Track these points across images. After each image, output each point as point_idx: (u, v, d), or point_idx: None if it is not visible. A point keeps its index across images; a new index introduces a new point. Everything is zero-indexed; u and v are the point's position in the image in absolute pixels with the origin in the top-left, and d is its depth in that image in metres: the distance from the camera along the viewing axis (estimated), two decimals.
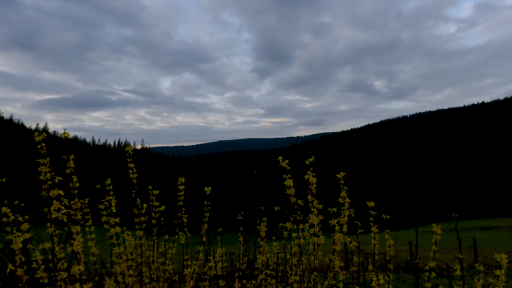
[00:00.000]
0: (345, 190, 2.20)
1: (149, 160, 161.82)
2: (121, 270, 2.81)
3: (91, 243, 2.91)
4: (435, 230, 2.51)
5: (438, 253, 18.79)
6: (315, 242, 2.39)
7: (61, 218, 1.76)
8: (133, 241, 3.03)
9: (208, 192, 3.02)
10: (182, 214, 3.14)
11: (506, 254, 2.31)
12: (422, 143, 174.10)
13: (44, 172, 1.81)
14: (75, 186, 2.38)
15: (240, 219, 3.24)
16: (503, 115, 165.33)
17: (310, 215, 2.33)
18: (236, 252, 3.87)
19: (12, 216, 2.14)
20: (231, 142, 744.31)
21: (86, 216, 2.88)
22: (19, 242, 2.13)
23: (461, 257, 2.37)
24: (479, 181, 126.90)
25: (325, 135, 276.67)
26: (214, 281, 3.24)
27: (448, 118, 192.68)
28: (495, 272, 2.32)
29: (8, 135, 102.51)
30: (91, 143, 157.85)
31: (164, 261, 3.15)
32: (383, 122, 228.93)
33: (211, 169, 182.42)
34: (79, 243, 1.84)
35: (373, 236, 2.72)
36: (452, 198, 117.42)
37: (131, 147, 3.06)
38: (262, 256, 3.00)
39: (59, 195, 1.79)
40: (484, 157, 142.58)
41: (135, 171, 3.03)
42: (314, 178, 2.31)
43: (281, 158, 2.32)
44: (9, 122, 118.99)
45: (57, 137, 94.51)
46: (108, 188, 2.95)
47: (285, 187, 2.35)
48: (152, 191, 3.11)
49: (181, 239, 3.17)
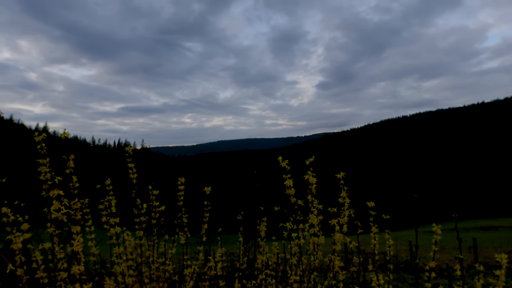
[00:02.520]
0: (345, 190, 2.20)
1: (149, 160, 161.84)
2: (121, 270, 2.81)
3: (91, 243, 2.91)
4: (435, 230, 2.50)
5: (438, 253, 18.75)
6: (315, 242, 2.39)
7: (61, 218, 1.76)
8: (133, 241, 3.03)
9: (208, 192, 3.02)
10: (182, 214, 3.14)
11: (506, 254, 2.31)
12: (422, 143, 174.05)
13: (44, 172, 1.81)
14: (75, 186, 2.38)
15: (240, 219, 3.24)
16: (503, 115, 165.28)
17: (310, 215, 2.33)
18: (236, 252, 3.87)
19: (12, 216, 2.14)
20: (231, 142, 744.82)
21: (86, 216, 2.88)
22: (19, 242, 2.13)
23: (461, 257, 2.37)
24: (479, 181, 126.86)
25: (325, 135, 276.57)
26: (214, 281, 3.24)
27: (448, 118, 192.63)
28: (495, 272, 2.32)
29: (8, 135, 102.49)
30: (91, 143, 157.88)
31: (164, 261, 3.15)
32: (383, 122, 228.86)
33: (211, 169, 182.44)
34: (79, 243, 1.84)
35: (373, 236, 2.72)
36: (452, 198, 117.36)
37: (131, 147, 3.06)
38: (262, 256, 3.00)
39: (59, 195, 1.79)
40: (484, 157, 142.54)
41: (135, 171, 3.03)
42: (314, 178, 2.31)
43: (281, 158, 2.32)
44: (9, 122, 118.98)
45: (57, 137, 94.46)
46: (108, 188, 2.95)
47: (285, 187, 2.35)
48: (152, 191, 3.11)
49: (181, 239, 3.17)
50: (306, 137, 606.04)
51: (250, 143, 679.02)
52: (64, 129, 1.98)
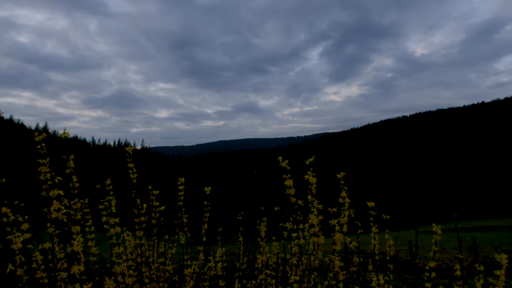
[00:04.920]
0: (345, 190, 2.20)
1: (149, 160, 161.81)
2: (121, 270, 2.81)
3: (91, 243, 2.91)
4: (435, 230, 2.50)
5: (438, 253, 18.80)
6: (315, 242, 2.39)
7: (61, 218, 1.76)
8: (133, 241, 3.03)
9: (208, 192, 3.02)
10: (182, 214, 3.13)
11: (506, 254, 2.31)
12: (422, 143, 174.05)
13: (44, 172, 1.81)
14: (75, 186, 2.38)
15: (240, 219, 3.24)
16: (503, 115, 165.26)
17: (310, 215, 2.33)
18: (236, 252, 3.87)
19: (12, 216, 2.14)
20: (231, 142, 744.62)
21: (86, 216, 2.88)
22: (19, 242, 2.13)
23: (461, 257, 2.37)
24: (479, 181, 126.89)
25: (325, 134, 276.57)
26: (214, 281, 3.24)
27: (448, 118, 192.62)
28: (495, 272, 2.32)
29: (8, 135, 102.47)
30: (91, 143, 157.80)
31: (164, 261, 3.15)
32: (383, 122, 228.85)
33: (211, 169, 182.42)
34: (79, 243, 1.84)
35: (373, 236, 2.72)
36: (452, 198, 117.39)
37: (131, 147, 3.06)
38: (262, 256, 3.00)
39: (59, 195, 1.79)
40: (484, 157, 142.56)
41: (135, 171, 3.03)
42: (314, 178, 2.30)
43: (281, 158, 2.32)
44: (9, 122, 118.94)
45: (57, 137, 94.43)
46: (108, 188, 2.95)
47: (285, 187, 2.35)
48: (152, 191, 3.11)
49: (181, 239, 3.17)
50: (306, 137, 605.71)
51: (250, 143, 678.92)
52: (64, 129, 1.97)
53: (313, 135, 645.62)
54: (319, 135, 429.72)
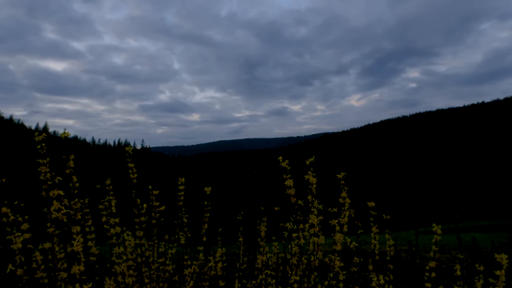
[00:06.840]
0: (345, 190, 2.20)
1: (149, 160, 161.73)
2: (121, 270, 2.81)
3: (91, 243, 2.91)
4: (435, 230, 2.50)
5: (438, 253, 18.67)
6: (315, 242, 2.39)
7: (61, 218, 1.75)
8: (133, 241, 3.03)
9: (208, 192, 3.02)
10: (182, 214, 3.13)
11: (506, 254, 2.31)
12: (422, 143, 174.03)
13: (44, 172, 1.81)
14: (75, 186, 2.38)
15: (240, 219, 3.24)
16: (503, 115, 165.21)
17: (310, 215, 2.32)
18: (236, 252, 3.87)
19: (12, 216, 2.14)
20: (231, 142, 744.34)
21: (86, 216, 2.88)
22: (19, 242, 2.13)
23: (461, 257, 2.37)
24: (479, 181, 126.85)
25: (325, 134, 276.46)
26: (214, 281, 3.23)
27: (448, 118, 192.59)
28: (495, 272, 2.32)
29: (8, 135, 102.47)
30: (91, 143, 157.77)
31: (164, 261, 3.15)
32: (383, 122, 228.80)
33: (211, 169, 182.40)
34: (79, 243, 1.84)
35: (373, 236, 2.72)
36: (452, 198, 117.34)
37: (131, 147, 3.06)
38: (262, 256, 3.00)
39: (59, 195, 1.79)
40: (484, 157, 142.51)
41: (135, 171, 3.02)
42: (314, 178, 2.30)
43: (281, 158, 2.32)
44: (9, 122, 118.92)
45: (57, 137, 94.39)
46: (108, 188, 2.95)
47: (285, 187, 2.35)
48: (152, 191, 3.11)
49: (181, 239, 3.17)
50: (306, 137, 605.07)
51: (250, 143, 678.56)
52: (64, 129, 1.97)
53: (313, 135, 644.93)
54: (319, 135, 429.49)
